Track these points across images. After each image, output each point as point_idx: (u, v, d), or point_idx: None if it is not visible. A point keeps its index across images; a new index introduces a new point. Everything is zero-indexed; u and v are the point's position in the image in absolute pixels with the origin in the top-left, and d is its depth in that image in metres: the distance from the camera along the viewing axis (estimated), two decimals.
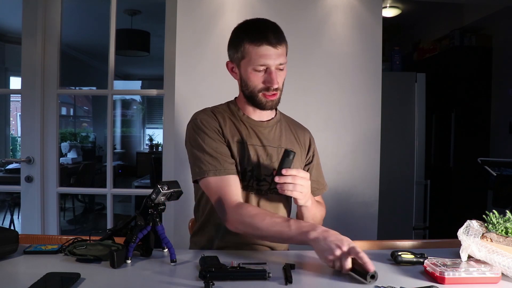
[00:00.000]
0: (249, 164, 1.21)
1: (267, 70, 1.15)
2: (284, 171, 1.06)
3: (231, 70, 1.24)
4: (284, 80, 1.21)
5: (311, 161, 1.35)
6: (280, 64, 1.16)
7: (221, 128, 1.21)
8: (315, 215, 1.24)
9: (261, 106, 1.20)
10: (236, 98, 1.31)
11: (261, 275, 0.89)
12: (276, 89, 1.17)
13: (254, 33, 1.14)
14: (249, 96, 1.20)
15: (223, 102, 1.32)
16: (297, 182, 1.07)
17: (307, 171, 1.33)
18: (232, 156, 1.19)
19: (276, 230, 1.03)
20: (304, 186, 1.09)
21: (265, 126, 1.26)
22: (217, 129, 1.20)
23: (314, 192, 1.33)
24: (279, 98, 1.21)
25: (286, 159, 1.08)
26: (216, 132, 1.20)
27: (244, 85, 1.20)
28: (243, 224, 1.08)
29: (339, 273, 0.96)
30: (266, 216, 1.06)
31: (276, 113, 1.32)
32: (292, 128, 1.34)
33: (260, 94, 1.18)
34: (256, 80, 1.16)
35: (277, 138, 1.27)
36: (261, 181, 1.22)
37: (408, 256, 1.03)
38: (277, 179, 1.07)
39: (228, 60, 1.24)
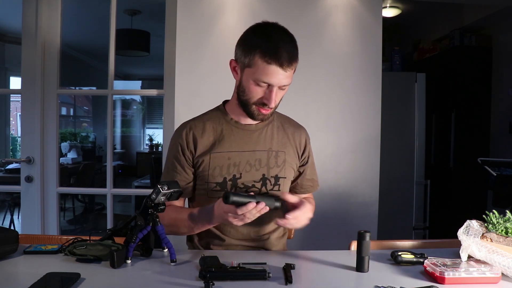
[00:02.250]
0: (229, 173, 1.20)
1: (269, 87, 1.12)
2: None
3: (233, 69, 1.20)
4: (282, 97, 1.20)
5: (307, 161, 1.34)
6: (284, 86, 1.14)
7: (194, 144, 1.22)
8: None
9: (251, 117, 1.20)
10: (225, 101, 1.30)
11: (261, 275, 0.89)
12: (272, 107, 1.16)
13: (269, 48, 1.09)
14: (243, 103, 1.18)
15: (214, 107, 1.31)
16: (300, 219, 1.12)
17: (302, 172, 1.33)
18: (204, 167, 1.20)
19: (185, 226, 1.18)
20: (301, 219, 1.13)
21: (253, 129, 1.24)
22: (182, 150, 1.22)
23: (308, 189, 1.37)
24: (272, 113, 1.22)
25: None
26: (181, 153, 1.23)
27: (241, 90, 1.18)
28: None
29: (339, 273, 0.96)
30: (174, 215, 1.19)
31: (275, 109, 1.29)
32: (286, 128, 1.31)
33: (254, 106, 1.16)
34: (255, 92, 1.14)
35: (268, 141, 1.25)
36: (250, 188, 1.21)
37: (408, 256, 1.03)
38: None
39: (234, 58, 1.20)
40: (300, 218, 1.11)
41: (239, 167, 1.20)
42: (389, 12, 3.83)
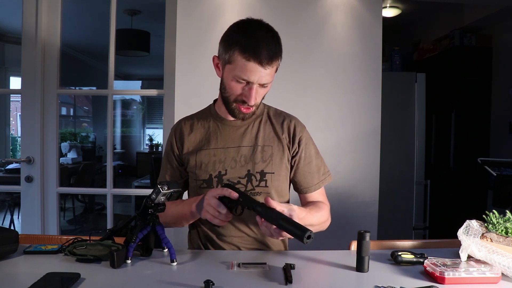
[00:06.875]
0: (214, 170, 1.20)
1: (248, 84, 1.11)
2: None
3: (216, 66, 1.20)
4: (264, 95, 1.19)
5: (298, 151, 1.24)
6: (264, 84, 1.12)
7: (181, 142, 1.25)
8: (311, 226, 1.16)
9: (233, 115, 1.20)
10: (215, 100, 1.31)
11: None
12: (252, 105, 1.15)
13: (248, 44, 1.07)
14: (225, 100, 1.19)
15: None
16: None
17: (295, 164, 1.25)
18: (192, 165, 1.22)
19: (173, 215, 1.20)
20: None
21: (239, 125, 1.24)
22: (171, 147, 1.27)
23: (309, 187, 1.27)
24: (254, 112, 1.20)
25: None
26: (170, 150, 1.28)
27: (223, 88, 1.19)
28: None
29: (339, 273, 0.96)
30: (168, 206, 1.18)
31: (258, 108, 1.27)
32: (275, 121, 1.26)
33: (235, 104, 1.16)
34: (235, 89, 1.13)
35: (253, 137, 1.23)
36: (236, 184, 1.19)
37: (408, 256, 1.03)
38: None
39: (216, 55, 1.19)
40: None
41: (224, 164, 1.20)
42: (389, 12, 3.83)
